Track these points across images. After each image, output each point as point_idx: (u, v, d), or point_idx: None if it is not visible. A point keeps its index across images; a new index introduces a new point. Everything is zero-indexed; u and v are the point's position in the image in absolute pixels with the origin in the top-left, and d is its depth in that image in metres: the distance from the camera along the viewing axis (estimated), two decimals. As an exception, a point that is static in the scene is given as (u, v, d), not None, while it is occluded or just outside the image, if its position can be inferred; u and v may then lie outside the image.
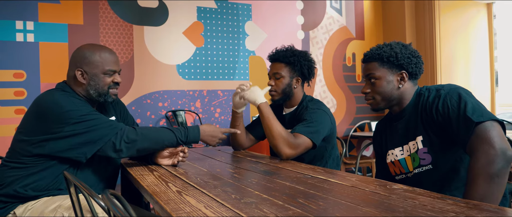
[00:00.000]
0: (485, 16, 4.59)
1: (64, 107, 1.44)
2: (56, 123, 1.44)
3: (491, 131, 1.14)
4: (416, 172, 1.38)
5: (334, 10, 4.71)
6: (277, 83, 1.94)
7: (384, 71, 1.42)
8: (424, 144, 1.35)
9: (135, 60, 3.66)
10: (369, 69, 1.46)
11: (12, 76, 3.20)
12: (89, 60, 1.57)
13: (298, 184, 1.20)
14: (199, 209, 0.93)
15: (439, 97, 1.29)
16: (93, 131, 1.45)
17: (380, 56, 1.42)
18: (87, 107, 1.51)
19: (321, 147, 1.85)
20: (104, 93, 1.60)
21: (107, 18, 3.55)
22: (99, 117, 1.50)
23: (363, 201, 0.97)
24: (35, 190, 1.49)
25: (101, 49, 1.60)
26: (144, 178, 1.36)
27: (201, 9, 3.96)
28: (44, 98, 1.51)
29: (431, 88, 1.38)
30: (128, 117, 1.89)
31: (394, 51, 1.41)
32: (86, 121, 1.45)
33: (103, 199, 0.77)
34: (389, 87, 1.42)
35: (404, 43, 1.46)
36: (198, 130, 1.66)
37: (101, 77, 1.57)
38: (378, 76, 1.43)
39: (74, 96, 1.54)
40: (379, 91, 1.43)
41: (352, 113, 4.80)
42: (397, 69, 1.42)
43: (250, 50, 4.20)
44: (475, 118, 1.16)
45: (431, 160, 1.34)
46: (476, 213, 0.83)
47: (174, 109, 3.81)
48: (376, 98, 1.46)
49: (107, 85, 1.59)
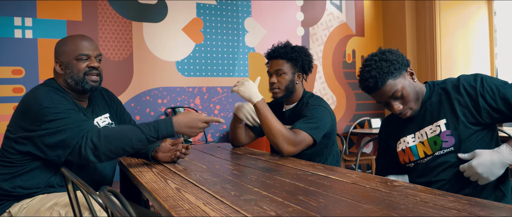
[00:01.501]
0: (486, 13, 4.57)
1: (42, 104, 1.42)
2: (34, 120, 1.42)
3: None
4: (437, 154, 1.38)
5: (334, 6, 4.70)
6: (279, 80, 1.92)
7: (401, 81, 1.40)
8: (447, 127, 1.36)
9: (134, 57, 3.64)
10: (394, 90, 1.40)
11: (11, 73, 3.19)
12: (63, 50, 1.57)
13: (298, 180, 1.19)
14: (198, 206, 0.92)
15: (476, 79, 1.34)
16: (62, 132, 1.40)
17: (390, 72, 1.40)
18: (64, 104, 1.46)
19: (321, 143, 1.84)
20: (80, 81, 1.54)
21: (105, 15, 3.53)
22: (70, 116, 1.43)
23: (364, 198, 0.96)
24: (25, 189, 1.48)
25: (74, 37, 1.58)
26: (143, 175, 1.35)
27: (201, 6, 3.94)
28: (28, 94, 1.50)
29: (459, 76, 1.41)
30: (125, 114, 1.86)
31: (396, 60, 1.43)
32: (58, 119, 1.41)
33: (101, 196, 0.76)
34: (412, 87, 1.42)
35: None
36: (171, 123, 1.48)
37: (74, 64, 1.54)
38: (402, 88, 1.39)
39: (57, 91, 1.52)
40: (408, 100, 1.40)
41: (352, 109, 4.79)
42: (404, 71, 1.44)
43: (250, 46, 4.18)
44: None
45: (454, 142, 1.34)
46: (478, 210, 0.82)
47: (173, 106, 3.80)
48: (412, 107, 1.41)
49: (82, 71, 1.54)
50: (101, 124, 1.69)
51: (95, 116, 1.68)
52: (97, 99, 1.75)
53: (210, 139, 3.95)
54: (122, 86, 3.59)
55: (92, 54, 1.57)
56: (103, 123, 1.70)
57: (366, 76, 1.39)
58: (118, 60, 3.58)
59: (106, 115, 1.74)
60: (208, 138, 3.92)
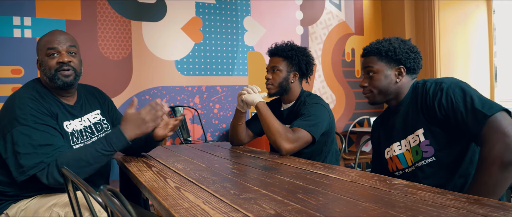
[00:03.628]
0: (485, 11, 4.57)
1: (14, 112, 1.40)
2: (4, 127, 1.41)
3: (504, 120, 1.15)
4: (419, 165, 1.38)
5: (333, 5, 4.69)
6: (274, 76, 1.96)
7: (382, 66, 1.45)
8: (425, 136, 1.35)
9: (133, 56, 3.64)
10: (367, 63, 1.48)
11: (10, 73, 3.19)
12: (37, 48, 1.55)
13: (297, 179, 1.19)
14: (197, 205, 0.92)
15: (441, 91, 1.29)
16: (22, 155, 1.35)
17: (378, 51, 1.45)
18: (35, 118, 1.41)
19: (320, 141, 1.85)
20: (52, 77, 1.50)
21: (105, 14, 3.53)
22: (38, 138, 1.37)
23: (363, 196, 0.96)
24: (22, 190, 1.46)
25: (47, 33, 1.54)
26: (142, 174, 1.35)
27: (200, 5, 3.94)
28: (8, 99, 1.48)
29: (428, 81, 1.37)
30: (116, 113, 1.84)
31: (393, 46, 1.43)
32: (25, 134, 1.37)
33: (101, 195, 0.76)
34: (386, 81, 1.44)
35: (403, 38, 1.48)
36: (119, 130, 1.44)
37: (46, 60, 1.51)
38: (376, 70, 1.45)
39: (34, 96, 1.48)
40: (377, 85, 1.45)
41: (351, 108, 4.79)
42: (395, 64, 1.44)
43: (249, 45, 4.18)
44: (487, 111, 1.17)
45: (433, 152, 1.34)
46: (477, 208, 0.83)
47: (173, 105, 3.80)
48: (374, 92, 1.47)
49: (53, 68, 1.50)
50: (92, 120, 1.67)
51: (84, 112, 1.65)
52: (88, 95, 1.72)
53: (210, 137, 3.96)
54: (121, 86, 3.59)
55: (61, 48, 1.51)
56: (94, 119, 1.68)
57: (372, 42, 1.51)
58: (117, 60, 3.58)
59: (97, 111, 1.72)
60: (207, 137, 3.93)
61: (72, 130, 1.56)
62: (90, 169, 1.40)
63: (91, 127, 1.65)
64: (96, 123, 1.69)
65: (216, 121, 4.02)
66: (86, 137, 1.61)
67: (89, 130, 1.64)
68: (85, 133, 1.61)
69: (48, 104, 1.50)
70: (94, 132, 1.66)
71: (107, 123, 1.75)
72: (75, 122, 1.59)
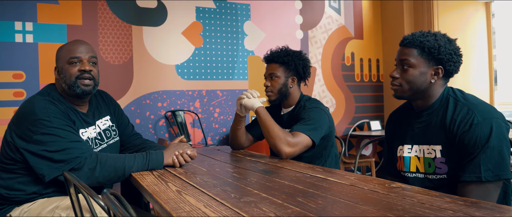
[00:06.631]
0: (484, 15, 4.60)
1: (37, 115, 1.42)
2: (27, 130, 1.42)
3: (490, 197, 1.16)
4: (430, 177, 1.35)
5: (332, 9, 4.72)
6: (272, 83, 1.97)
7: (421, 61, 1.33)
8: (442, 154, 1.30)
9: (134, 61, 3.66)
10: (405, 54, 1.35)
11: (12, 77, 3.20)
12: (58, 56, 1.59)
13: (297, 183, 1.20)
14: (198, 208, 0.93)
15: (471, 125, 1.22)
16: (55, 151, 1.39)
17: (421, 44, 1.32)
18: (59, 120, 1.45)
19: (320, 145, 1.86)
20: (72, 84, 1.54)
21: (105, 19, 3.55)
22: (67, 136, 1.42)
23: (362, 200, 0.97)
24: (25, 193, 1.47)
25: (70, 42, 1.60)
26: (144, 178, 1.37)
27: (200, 9, 3.97)
28: (24, 103, 1.50)
29: (460, 102, 1.30)
30: (123, 117, 1.87)
31: (438, 43, 1.32)
32: (52, 134, 1.40)
33: (103, 198, 0.77)
34: (420, 79, 1.33)
35: (450, 37, 1.37)
36: (162, 155, 1.54)
37: (66, 68, 1.55)
38: (413, 64, 1.33)
39: (53, 101, 1.51)
40: (410, 80, 1.34)
41: (351, 112, 4.80)
42: (435, 63, 1.33)
43: (249, 50, 4.20)
44: (484, 173, 1.16)
45: (447, 170, 1.29)
46: (474, 211, 0.84)
47: (173, 109, 3.82)
48: (404, 86, 1.36)
49: (74, 75, 1.54)
50: (102, 126, 1.70)
51: (96, 119, 1.69)
52: (98, 102, 1.76)
53: (210, 141, 3.97)
54: (122, 90, 3.60)
55: (83, 57, 1.56)
56: (103, 125, 1.71)
57: (416, 32, 1.37)
58: (118, 64, 3.59)
59: (107, 117, 1.75)
60: (208, 141, 3.94)
61: (87, 138, 1.60)
62: (115, 181, 1.48)
63: (101, 133, 1.69)
64: (106, 130, 1.72)
65: (217, 125, 4.03)
66: (96, 143, 1.65)
67: (99, 137, 1.67)
68: (95, 140, 1.66)
69: (66, 111, 1.54)
70: (104, 138, 1.70)
71: (116, 129, 1.79)
72: (89, 129, 1.64)
